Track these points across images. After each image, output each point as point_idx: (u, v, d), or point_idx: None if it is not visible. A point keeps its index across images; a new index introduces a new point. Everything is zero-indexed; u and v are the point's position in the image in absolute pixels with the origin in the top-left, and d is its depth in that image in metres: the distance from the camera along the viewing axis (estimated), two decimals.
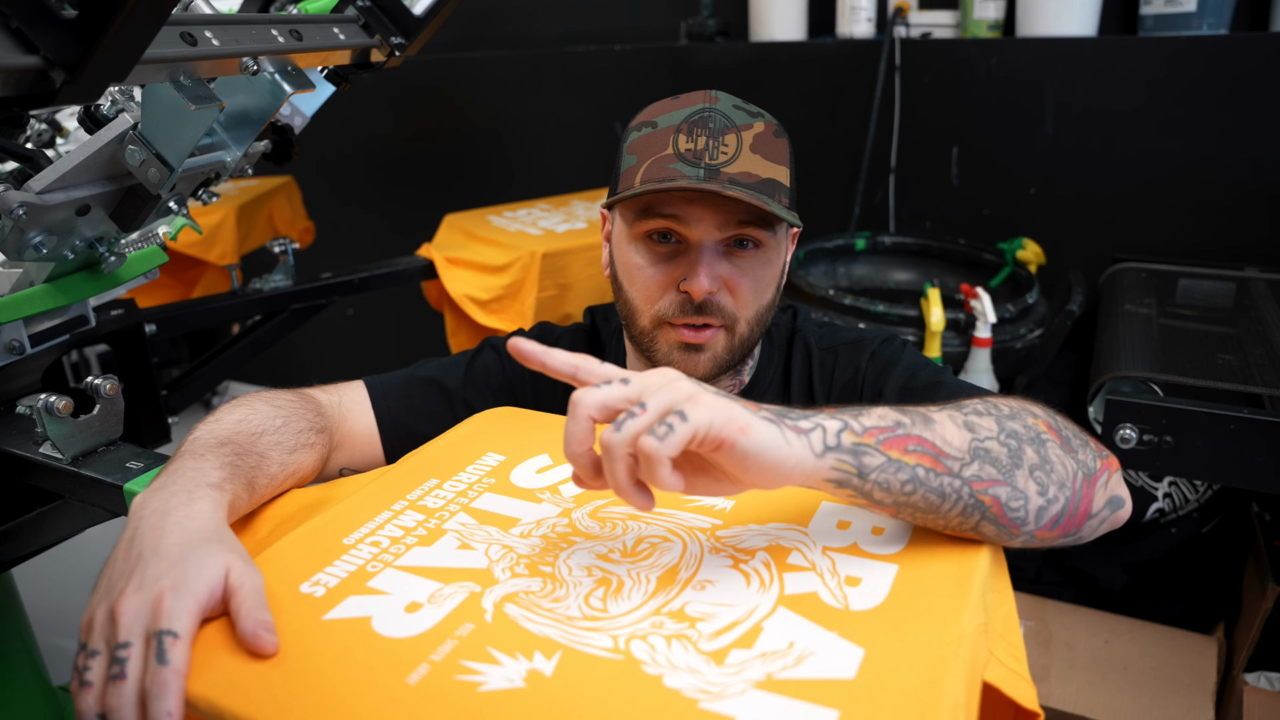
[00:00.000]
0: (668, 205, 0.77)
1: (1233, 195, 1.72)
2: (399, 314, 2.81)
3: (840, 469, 0.51)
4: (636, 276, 0.82)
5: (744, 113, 0.79)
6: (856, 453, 0.51)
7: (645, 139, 0.79)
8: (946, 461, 0.53)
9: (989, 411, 0.58)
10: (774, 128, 0.80)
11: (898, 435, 0.52)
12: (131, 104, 0.84)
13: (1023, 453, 0.56)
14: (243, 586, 0.51)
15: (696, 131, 0.76)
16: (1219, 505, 1.51)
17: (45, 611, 1.30)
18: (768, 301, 0.83)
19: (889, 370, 0.84)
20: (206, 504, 0.57)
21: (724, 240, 0.79)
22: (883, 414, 0.54)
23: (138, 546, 0.52)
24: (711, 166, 0.76)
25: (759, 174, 0.77)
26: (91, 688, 0.47)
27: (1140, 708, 1.35)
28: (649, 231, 0.80)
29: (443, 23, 1.03)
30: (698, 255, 0.78)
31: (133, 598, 0.49)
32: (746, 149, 0.77)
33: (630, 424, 0.47)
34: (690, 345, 0.81)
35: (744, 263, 0.80)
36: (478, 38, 2.55)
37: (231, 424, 0.69)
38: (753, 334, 0.84)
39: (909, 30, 1.96)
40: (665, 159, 0.77)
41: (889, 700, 0.42)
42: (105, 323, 1.20)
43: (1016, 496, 0.55)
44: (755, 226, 0.78)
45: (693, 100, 0.79)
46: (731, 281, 0.80)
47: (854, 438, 0.51)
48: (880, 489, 0.52)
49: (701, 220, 0.77)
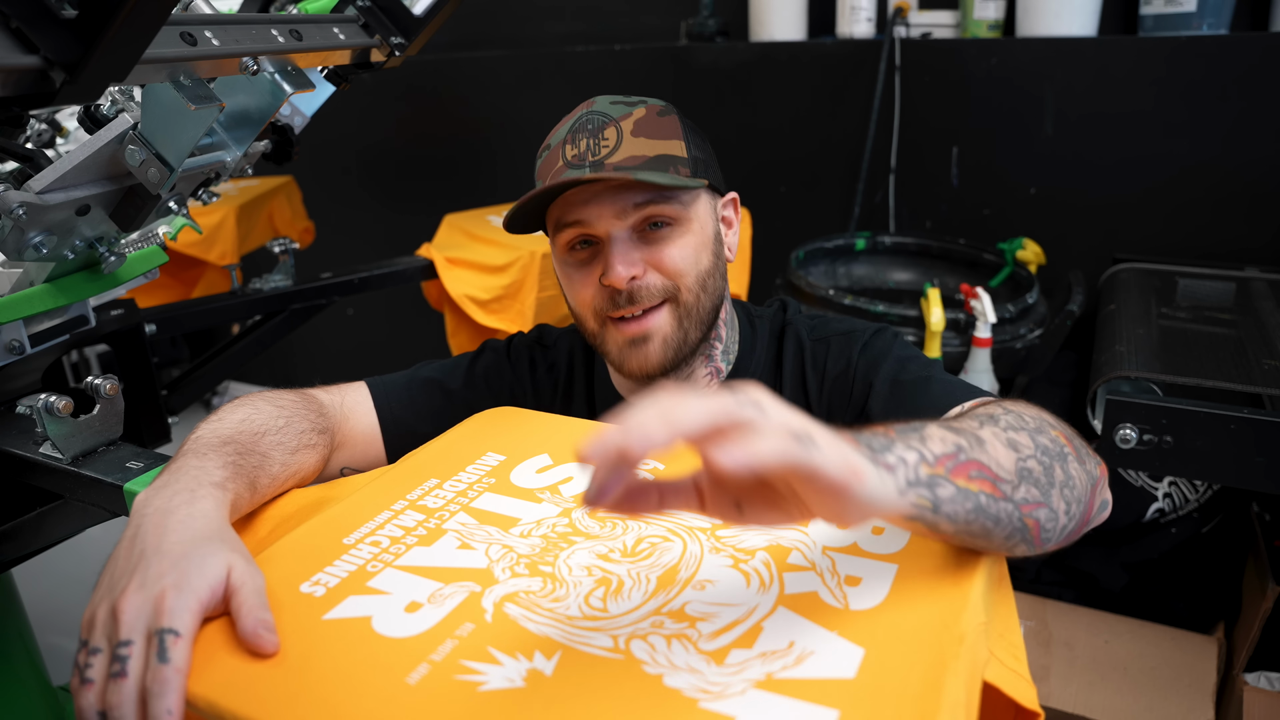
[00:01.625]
0: (570, 212, 0.80)
1: (1233, 195, 1.72)
2: (399, 314, 2.81)
3: (919, 505, 0.48)
4: (570, 286, 0.85)
5: (621, 105, 0.81)
6: (932, 485, 0.48)
7: (544, 162, 0.82)
8: (1002, 486, 0.52)
9: (1021, 425, 0.57)
10: (658, 109, 0.82)
11: (961, 461, 0.50)
12: (131, 104, 0.84)
13: (1054, 471, 0.55)
14: (244, 586, 0.51)
15: (578, 137, 0.79)
16: (1219, 505, 1.51)
17: (45, 611, 1.30)
18: (707, 266, 0.83)
19: (880, 362, 0.84)
20: (209, 503, 0.57)
21: (632, 228, 0.80)
22: (942, 437, 0.51)
23: (140, 544, 0.53)
24: (595, 162, 0.78)
25: (645, 154, 0.78)
26: (92, 685, 0.47)
27: (1140, 708, 1.35)
28: (568, 243, 0.82)
29: (443, 23, 1.03)
30: (609, 248, 0.80)
31: (135, 596, 0.49)
32: (628, 135, 0.78)
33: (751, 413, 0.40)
34: (636, 338, 0.82)
35: (662, 239, 0.81)
36: (478, 38, 2.55)
37: (234, 423, 0.69)
38: (701, 301, 0.83)
39: (909, 30, 1.96)
40: (558, 171, 0.79)
41: (889, 700, 0.42)
42: (105, 323, 1.20)
43: (1052, 517, 0.54)
44: (656, 204, 0.79)
45: (575, 112, 0.83)
46: (654, 260, 0.81)
47: (929, 469, 0.48)
48: (948, 520, 0.49)
49: (601, 215, 0.79)
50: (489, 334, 1.62)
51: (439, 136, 2.64)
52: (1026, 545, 0.54)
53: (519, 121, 2.47)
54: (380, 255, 1.74)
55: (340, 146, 2.72)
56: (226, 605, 0.51)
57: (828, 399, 0.86)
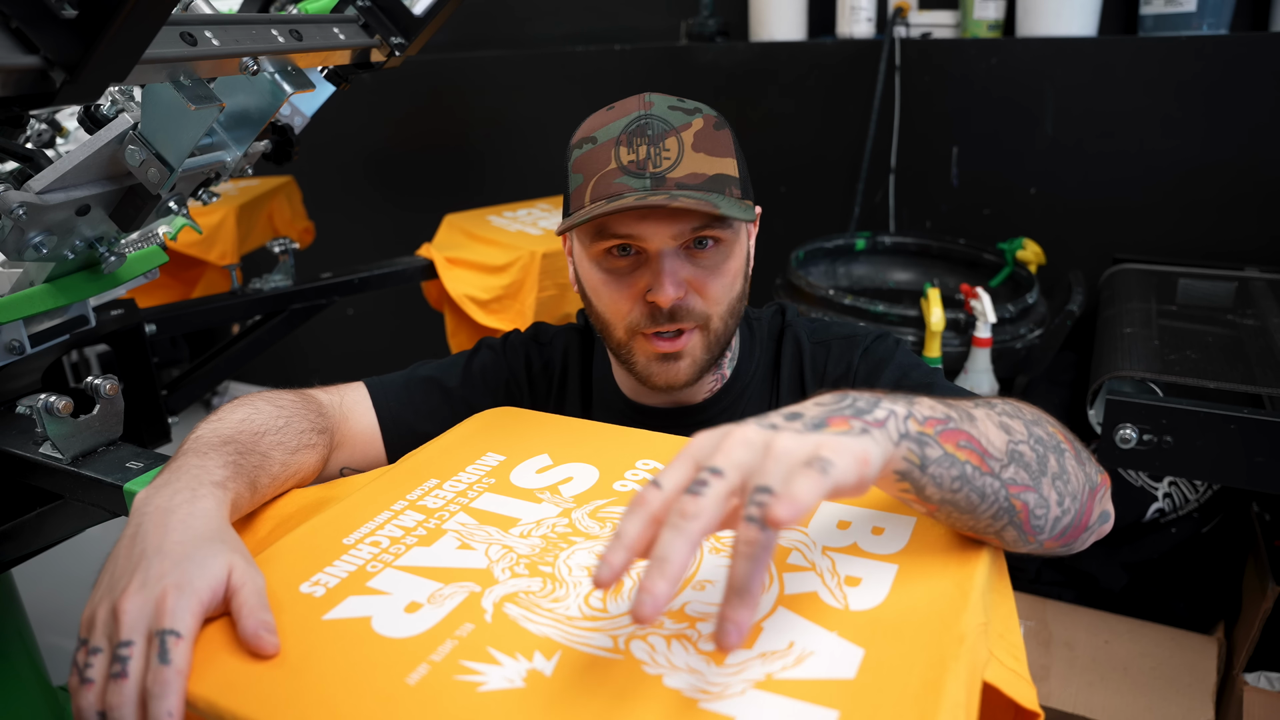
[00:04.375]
0: (621, 224, 0.77)
1: (1232, 195, 1.72)
2: (399, 314, 2.81)
3: (909, 458, 0.49)
4: (603, 293, 0.82)
5: (680, 112, 0.78)
6: (920, 442, 0.49)
7: (587, 156, 0.78)
8: (990, 461, 0.52)
9: (1016, 414, 0.57)
10: (713, 120, 0.80)
11: (950, 428, 0.51)
12: (131, 104, 0.84)
13: (1048, 460, 0.56)
14: (244, 586, 0.51)
15: (636, 141, 0.76)
16: (1219, 505, 1.51)
17: (45, 611, 1.30)
18: (737, 293, 0.83)
19: (881, 368, 0.84)
20: (210, 502, 0.57)
21: (682, 244, 0.79)
22: (932, 405, 0.52)
23: (141, 544, 0.53)
24: (657, 175, 0.75)
25: (705, 172, 0.76)
26: (92, 685, 0.47)
27: (1140, 708, 1.35)
28: (608, 248, 0.80)
29: (443, 23, 1.03)
30: (659, 265, 0.77)
31: (136, 596, 0.49)
32: (689, 149, 0.76)
33: (768, 506, 0.41)
34: (668, 355, 0.81)
35: (706, 261, 0.80)
36: (478, 38, 2.55)
37: (234, 423, 0.69)
38: (727, 328, 0.83)
39: (909, 30, 1.96)
40: (610, 174, 0.76)
41: (889, 700, 0.42)
42: (105, 323, 1.20)
43: (1041, 504, 0.55)
44: (710, 228, 0.78)
45: (627, 108, 0.78)
46: (697, 282, 0.79)
47: (917, 425, 0.50)
48: (933, 483, 0.50)
49: (658, 233, 0.77)
50: (489, 334, 1.62)
51: (439, 136, 2.64)
52: (1017, 530, 0.54)
53: (519, 121, 2.47)
54: (380, 255, 1.74)
55: (340, 146, 2.71)
56: (227, 606, 0.51)
57: None
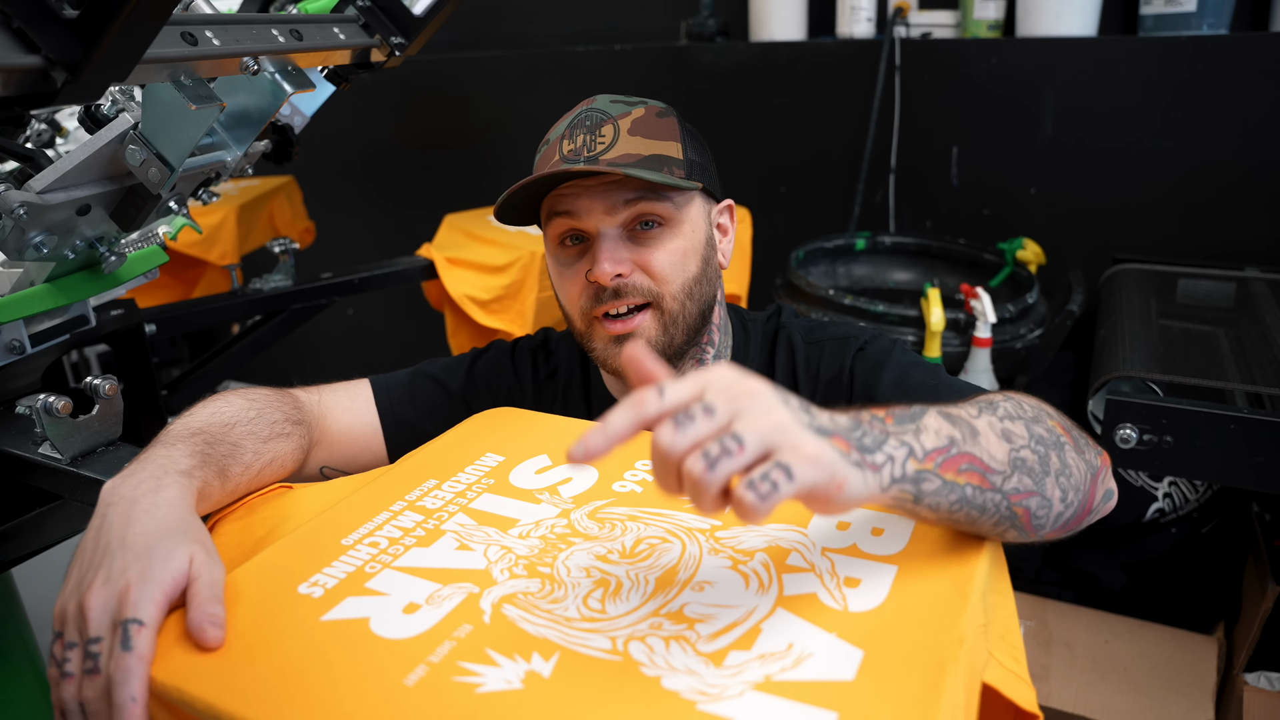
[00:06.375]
0: (561, 202, 0.80)
1: (1232, 195, 1.72)
2: (399, 314, 2.81)
3: (899, 498, 0.50)
4: (558, 281, 0.85)
5: (621, 104, 0.81)
6: (917, 480, 0.50)
7: (542, 156, 0.83)
8: (992, 478, 0.53)
9: (1018, 414, 0.58)
10: (657, 110, 0.82)
11: (952, 455, 0.52)
12: (132, 104, 0.84)
13: (1049, 459, 0.56)
14: (199, 578, 0.52)
15: (576, 133, 0.80)
16: (1219, 505, 1.51)
17: (45, 611, 1.30)
18: (694, 273, 0.83)
19: (879, 370, 0.83)
20: (174, 490, 0.58)
21: (623, 225, 0.80)
22: (937, 429, 0.53)
23: (105, 536, 0.54)
24: (590, 158, 0.78)
25: (640, 152, 0.78)
26: (73, 679, 0.49)
27: (1140, 708, 1.35)
28: (559, 236, 0.82)
29: (443, 23, 1.03)
30: (597, 244, 0.80)
31: (100, 591, 0.50)
32: (624, 134, 0.79)
33: (725, 464, 0.42)
34: (620, 337, 0.82)
35: (650, 240, 0.81)
36: (478, 38, 2.55)
37: (205, 416, 0.71)
38: (686, 309, 0.83)
39: (909, 30, 1.96)
40: (553, 165, 0.80)
41: (888, 702, 0.42)
42: (105, 323, 1.20)
43: (1044, 505, 0.56)
44: (647, 201, 0.79)
45: (576, 108, 0.83)
46: (642, 260, 0.80)
47: (917, 465, 0.50)
48: (929, 509, 0.52)
49: (591, 209, 0.79)
50: (489, 334, 1.62)
51: (439, 136, 2.64)
52: (1018, 532, 0.56)
53: (519, 121, 2.47)
54: (380, 255, 1.74)
55: (340, 146, 2.71)
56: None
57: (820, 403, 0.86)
